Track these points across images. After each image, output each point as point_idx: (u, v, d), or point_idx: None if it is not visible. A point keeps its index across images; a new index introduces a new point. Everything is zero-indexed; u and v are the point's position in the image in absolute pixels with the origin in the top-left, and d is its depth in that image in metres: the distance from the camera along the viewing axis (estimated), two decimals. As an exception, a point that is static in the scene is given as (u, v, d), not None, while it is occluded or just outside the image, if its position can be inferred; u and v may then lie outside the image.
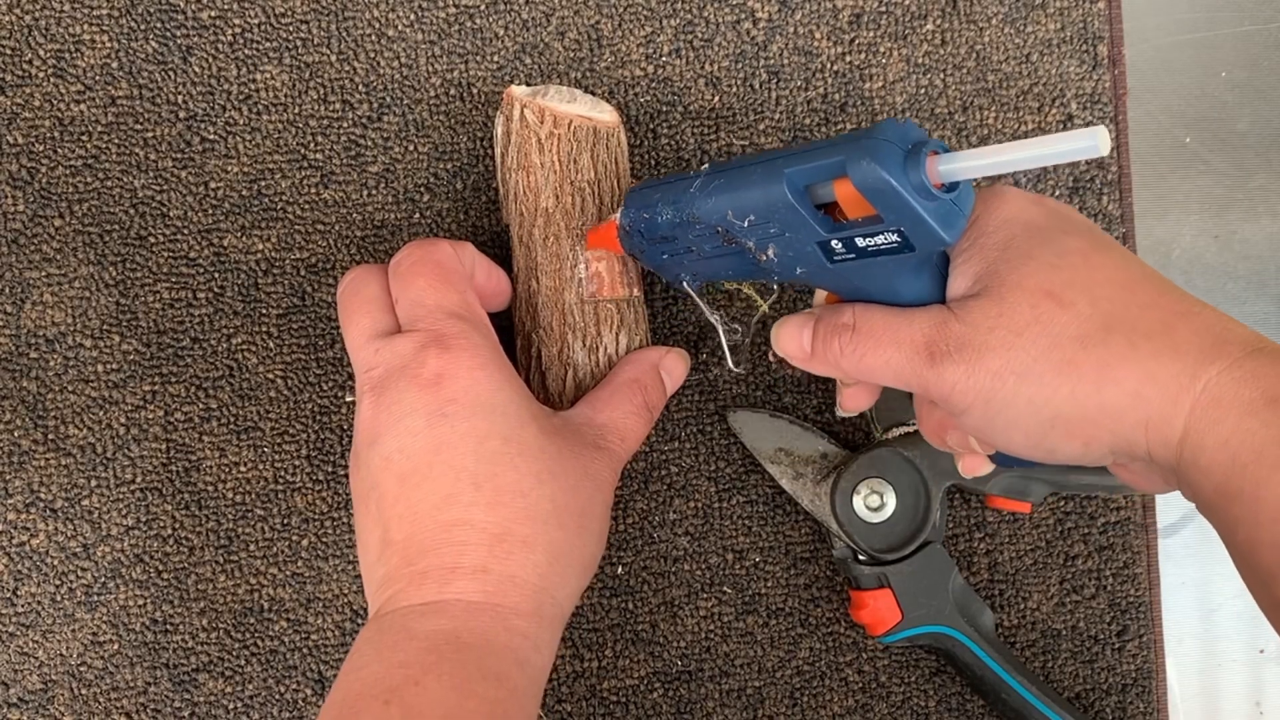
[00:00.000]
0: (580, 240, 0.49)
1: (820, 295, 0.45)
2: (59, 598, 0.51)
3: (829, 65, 0.54)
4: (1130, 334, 0.36)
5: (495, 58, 0.53)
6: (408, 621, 0.41)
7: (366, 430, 0.43)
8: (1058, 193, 0.55)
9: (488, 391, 0.43)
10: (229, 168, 0.52)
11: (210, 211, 0.52)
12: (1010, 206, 0.40)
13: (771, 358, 0.54)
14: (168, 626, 0.52)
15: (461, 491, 0.42)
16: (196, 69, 0.52)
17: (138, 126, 0.52)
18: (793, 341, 0.43)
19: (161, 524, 0.52)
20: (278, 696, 0.52)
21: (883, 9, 0.54)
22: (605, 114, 0.49)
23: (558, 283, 0.49)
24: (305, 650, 0.52)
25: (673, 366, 0.50)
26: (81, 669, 0.52)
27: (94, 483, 0.52)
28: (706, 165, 0.46)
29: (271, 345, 0.52)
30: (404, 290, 0.45)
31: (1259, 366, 0.35)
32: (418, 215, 0.53)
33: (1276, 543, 0.34)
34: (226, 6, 0.52)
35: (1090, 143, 0.33)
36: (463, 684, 0.39)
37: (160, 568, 0.52)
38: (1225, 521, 0.36)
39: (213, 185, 0.52)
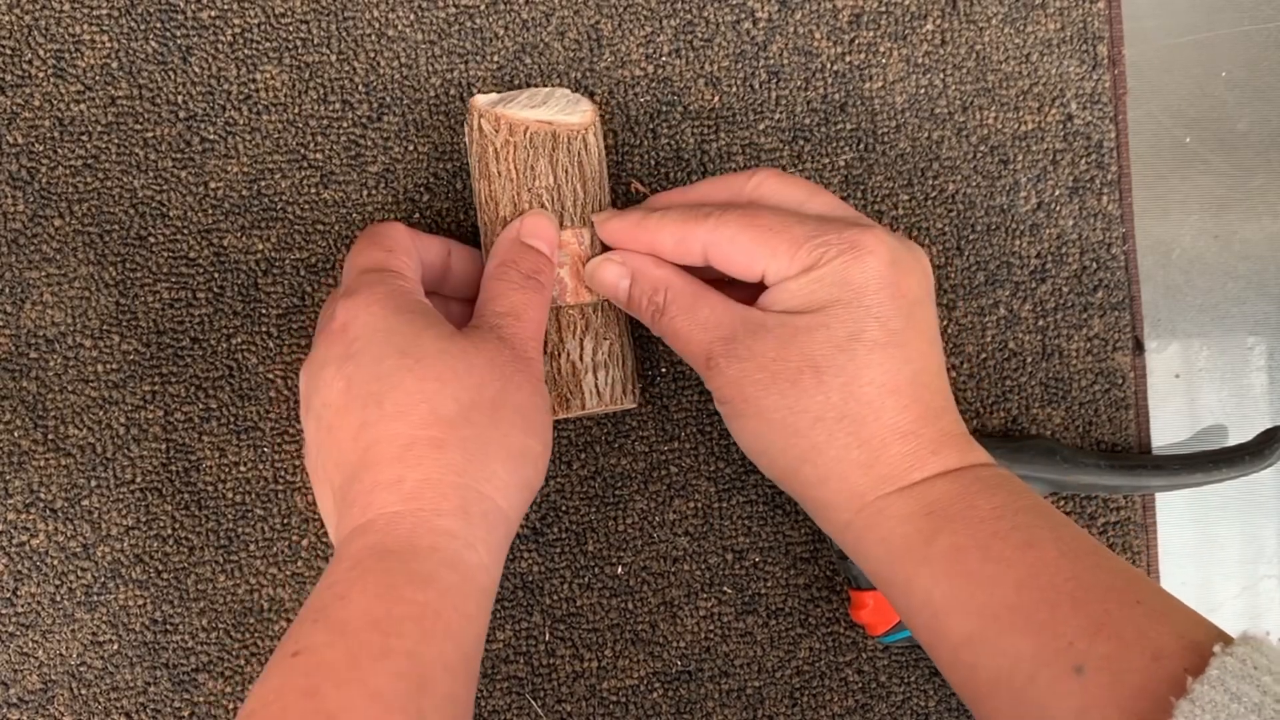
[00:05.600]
0: None
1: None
2: (59, 598, 0.51)
3: (829, 65, 0.54)
4: (852, 434, 0.43)
5: (495, 58, 0.53)
6: (341, 549, 0.42)
7: (302, 401, 0.46)
8: (1058, 193, 0.55)
9: (382, 317, 0.44)
10: (229, 168, 0.52)
11: (210, 211, 0.52)
12: (862, 270, 0.43)
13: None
14: (168, 626, 0.52)
15: (369, 414, 0.42)
16: (196, 69, 0.52)
17: (138, 126, 0.52)
18: (609, 287, 0.48)
19: (161, 524, 0.52)
20: (278, 696, 0.52)
21: (883, 9, 0.54)
22: (576, 115, 0.49)
23: None
24: (305, 650, 0.52)
25: (532, 228, 0.48)
26: (81, 669, 0.52)
27: (94, 483, 0.52)
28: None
29: (271, 345, 0.52)
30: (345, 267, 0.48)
31: (929, 488, 0.42)
32: (418, 215, 0.53)
33: (926, 626, 0.42)
34: (226, 6, 0.52)
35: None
36: (388, 590, 0.39)
37: (160, 568, 0.52)
38: (891, 597, 0.44)
39: (213, 185, 0.52)
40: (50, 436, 0.51)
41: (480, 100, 0.49)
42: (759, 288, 0.46)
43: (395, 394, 0.42)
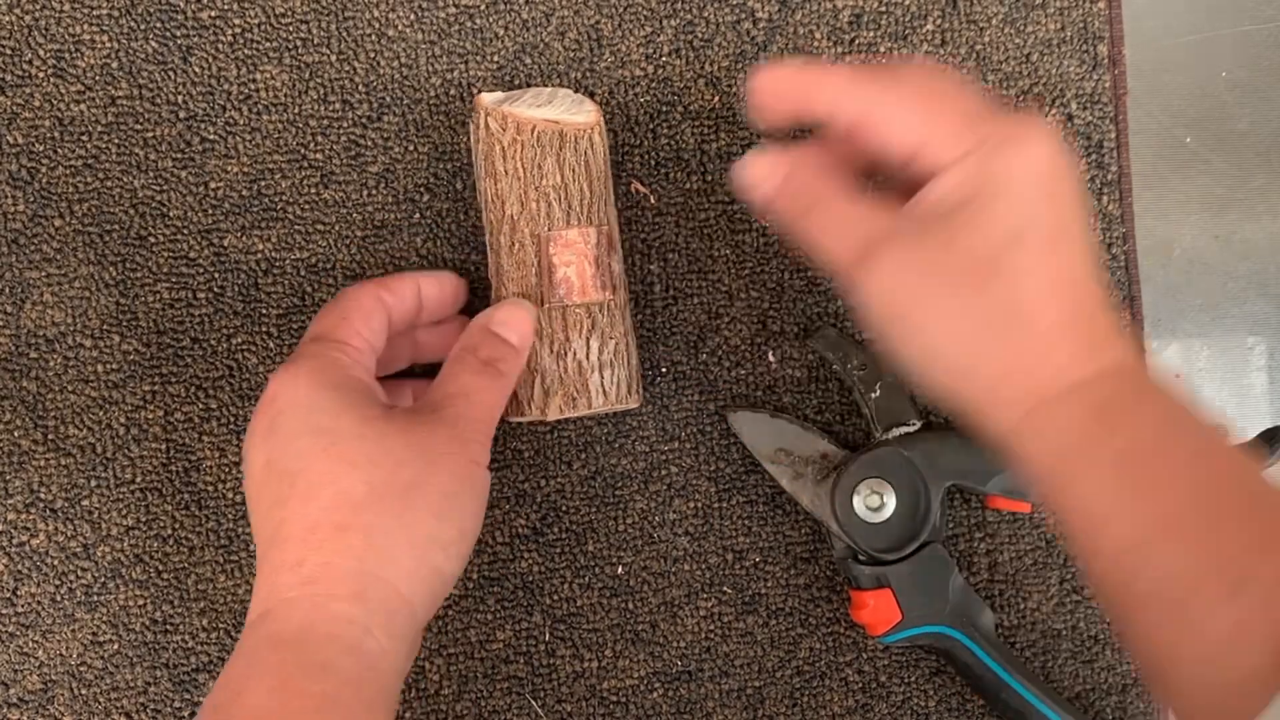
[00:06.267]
0: (548, 245, 0.49)
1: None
2: (59, 598, 0.51)
3: (829, 65, 0.54)
4: (1022, 334, 0.41)
5: (495, 58, 0.53)
6: (242, 640, 0.41)
7: (244, 465, 0.45)
8: (1058, 193, 0.55)
9: (306, 393, 0.43)
10: (229, 168, 0.52)
11: (210, 211, 0.52)
12: (1022, 160, 0.41)
13: (771, 356, 0.54)
14: (168, 626, 0.52)
15: (281, 492, 0.42)
16: (196, 69, 0.52)
17: (138, 126, 0.52)
18: (756, 180, 0.45)
19: (161, 524, 0.52)
20: (278, 696, 0.52)
21: (883, 9, 0.54)
22: (581, 115, 0.49)
23: (523, 289, 0.49)
24: (305, 650, 0.52)
25: (505, 317, 0.48)
26: (81, 669, 0.52)
27: (94, 483, 0.52)
28: None
29: (271, 345, 0.52)
30: None
31: (1097, 387, 0.40)
32: (418, 215, 0.53)
33: (1084, 532, 0.40)
34: (226, 6, 0.52)
35: None
36: (283, 684, 0.39)
37: (160, 568, 0.52)
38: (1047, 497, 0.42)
39: (213, 185, 0.52)
40: (50, 436, 0.51)
41: (486, 98, 0.49)
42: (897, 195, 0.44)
43: (307, 474, 0.42)
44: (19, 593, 0.51)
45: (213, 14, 0.52)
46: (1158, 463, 0.39)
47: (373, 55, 0.53)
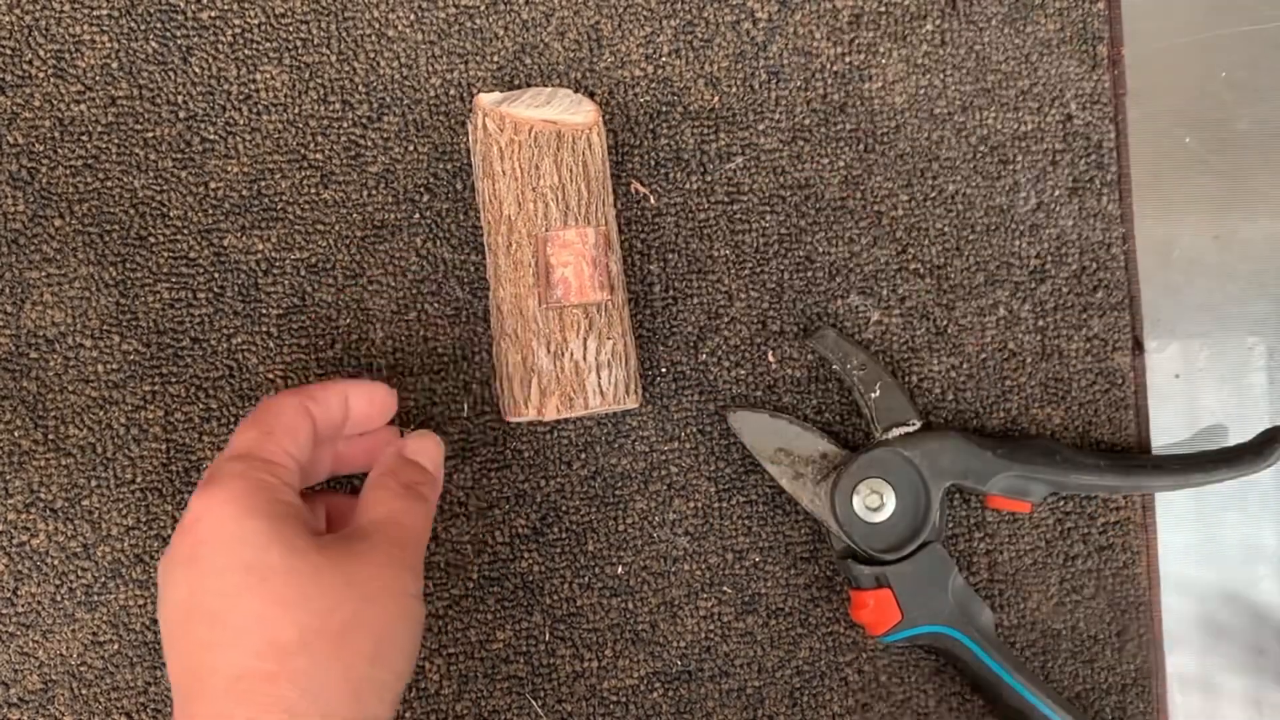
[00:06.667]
0: (545, 245, 0.49)
1: None
2: (59, 598, 0.51)
3: (829, 65, 0.54)
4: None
5: (495, 58, 0.53)
6: None
7: (159, 590, 0.43)
8: (1057, 193, 0.55)
9: (231, 522, 0.40)
10: (229, 168, 0.52)
11: (210, 211, 0.52)
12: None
13: (771, 357, 0.54)
14: (168, 626, 0.52)
15: (204, 635, 0.39)
16: (196, 69, 0.52)
17: (138, 126, 0.52)
18: None
19: (161, 524, 0.52)
20: (278, 696, 0.52)
21: (883, 9, 0.54)
22: (580, 115, 0.49)
23: (521, 289, 0.49)
24: (305, 650, 0.52)
25: (417, 448, 0.47)
26: (81, 669, 0.52)
27: (94, 483, 0.52)
28: None
29: (271, 345, 0.52)
30: None
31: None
32: (418, 215, 0.53)
33: None
34: (226, 6, 0.52)
35: None
36: None
37: (160, 568, 0.52)
38: None
39: (213, 185, 0.52)
40: (50, 436, 0.51)
41: (485, 99, 0.49)
42: None
43: (233, 615, 0.39)
44: (19, 593, 0.51)
45: (213, 14, 0.52)
46: None
47: (373, 55, 0.53)
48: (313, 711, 0.38)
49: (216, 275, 0.52)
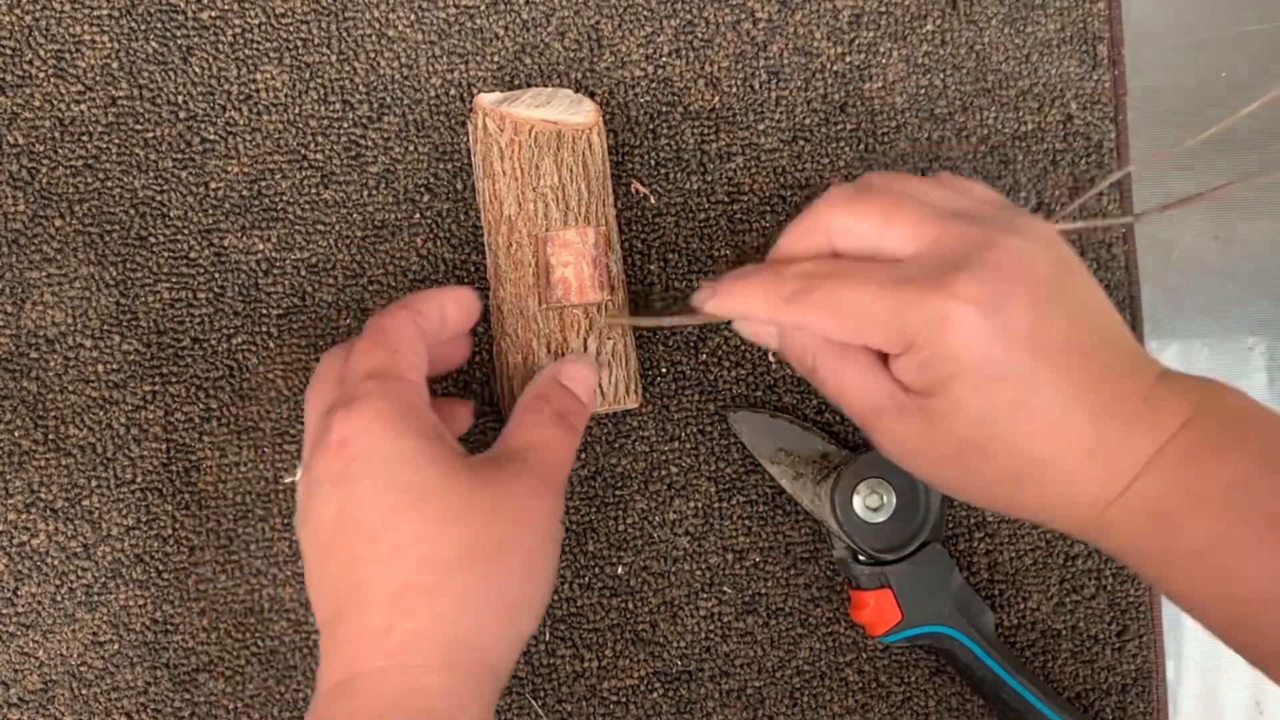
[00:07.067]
0: (545, 245, 0.49)
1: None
2: (59, 598, 0.51)
3: (829, 65, 0.54)
4: (1035, 485, 0.40)
5: (495, 58, 0.53)
6: (328, 706, 0.39)
7: (298, 511, 0.43)
8: (1057, 193, 0.55)
9: (384, 442, 0.40)
10: (229, 168, 0.52)
11: (210, 211, 0.52)
12: (956, 340, 0.39)
13: (771, 357, 0.54)
14: (168, 626, 0.52)
15: (361, 551, 0.40)
16: (196, 69, 0.52)
17: (138, 126, 0.52)
18: (762, 342, 0.44)
19: (161, 524, 0.52)
20: (278, 696, 0.52)
21: (883, 9, 0.54)
22: (580, 115, 0.49)
23: (521, 289, 0.49)
24: (305, 650, 0.52)
25: (573, 373, 0.47)
26: (81, 669, 0.52)
27: (94, 483, 0.52)
28: None
29: (271, 345, 0.52)
30: (346, 360, 0.44)
31: (1143, 489, 0.39)
32: (418, 215, 0.53)
33: (1190, 612, 0.40)
34: (226, 6, 0.52)
35: None
36: None
37: (160, 568, 0.52)
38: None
39: (213, 185, 0.52)
40: (50, 436, 0.51)
41: (485, 99, 0.49)
42: None
43: (393, 533, 0.40)
44: (19, 593, 0.51)
45: (213, 14, 0.52)
46: (1234, 550, 0.37)
47: (373, 55, 0.53)
48: (471, 626, 0.40)
49: (217, 275, 0.52)
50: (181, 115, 0.52)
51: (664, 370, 0.54)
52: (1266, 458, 0.38)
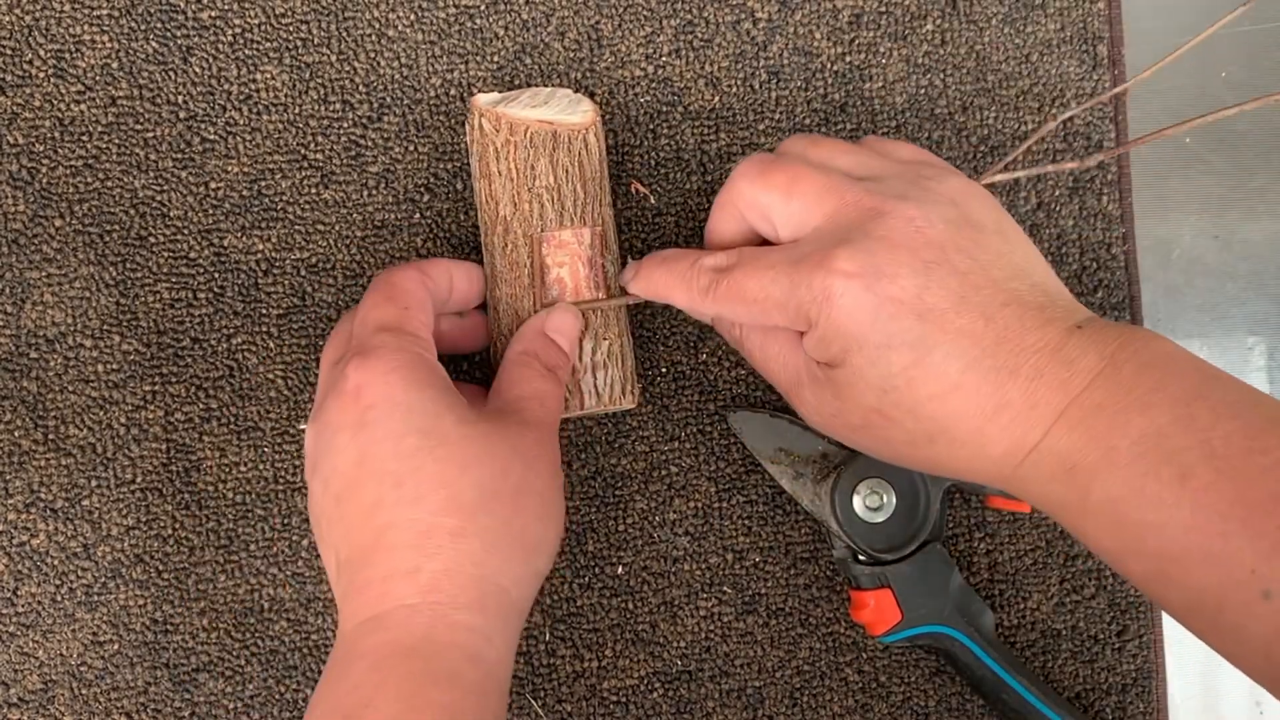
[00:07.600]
0: (541, 245, 0.49)
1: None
2: (59, 598, 0.51)
3: (829, 65, 0.54)
4: (948, 443, 0.41)
5: (495, 58, 0.53)
6: (356, 641, 0.40)
7: (308, 459, 0.44)
8: (1058, 193, 0.55)
9: (401, 390, 0.42)
10: (229, 168, 0.52)
11: (210, 211, 0.52)
12: (842, 314, 0.41)
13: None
14: (168, 626, 0.52)
15: (385, 494, 0.41)
16: (196, 69, 0.52)
17: (138, 126, 0.52)
18: (703, 319, 0.48)
19: (161, 524, 0.52)
20: (278, 696, 0.52)
21: (883, 9, 0.54)
22: (576, 115, 0.49)
23: (517, 290, 0.49)
24: (305, 650, 0.52)
25: (558, 324, 0.48)
26: (81, 669, 0.52)
27: (94, 483, 0.52)
28: None
29: (271, 345, 0.52)
30: (356, 316, 0.46)
31: (1055, 442, 0.39)
32: (418, 215, 0.53)
33: (1107, 563, 0.40)
34: (226, 6, 0.52)
35: None
36: (413, 694, 0.38)
37: (160, 568, 0.52)
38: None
39: (213, 185, 0.52)
40: (50, 436, 0.51)
41: (481, 99, 0.49)
42: None
43: (415, 477, 0.41)
44: (19, 593, 0.51)
45: (213, 14, 0.52)
46: (1145, 502, 0.37)
47: (373, 55, 0.53)
48: (496, 564, 0.41)
49: (216, 275, 0.52)
50: (181, 115, 0.52)
51: (663, 370, 0.54)
52: (1178, 408, 0.38)
